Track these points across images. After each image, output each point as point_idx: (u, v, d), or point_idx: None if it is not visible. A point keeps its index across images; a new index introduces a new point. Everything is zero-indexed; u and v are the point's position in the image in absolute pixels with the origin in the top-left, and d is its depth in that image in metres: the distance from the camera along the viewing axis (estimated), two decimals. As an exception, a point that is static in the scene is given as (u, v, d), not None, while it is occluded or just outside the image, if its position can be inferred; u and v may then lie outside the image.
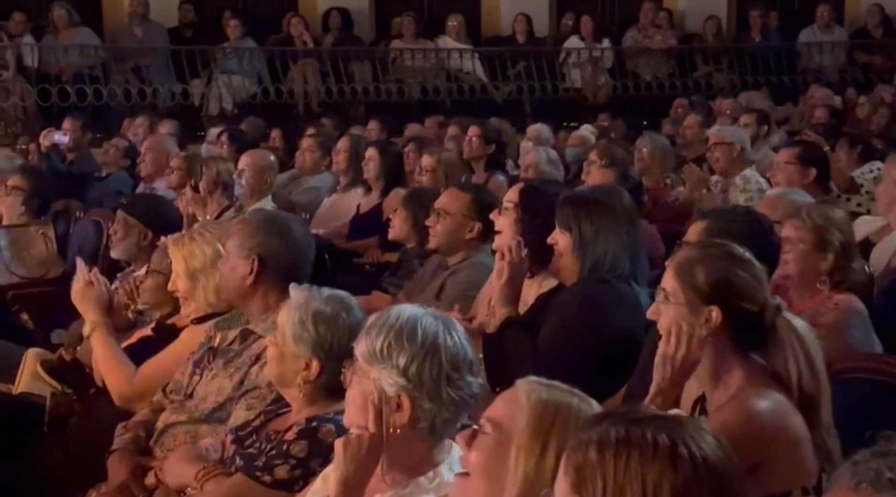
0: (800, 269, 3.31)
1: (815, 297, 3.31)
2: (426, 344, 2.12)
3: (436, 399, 2.12)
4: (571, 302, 3.22)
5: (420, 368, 2.11)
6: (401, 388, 2.12)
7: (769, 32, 12.24)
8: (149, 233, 4.34)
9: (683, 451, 1.46)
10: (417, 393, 2.11)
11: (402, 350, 2.11)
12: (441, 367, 2.12)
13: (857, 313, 3.26)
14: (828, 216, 3.35)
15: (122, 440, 3.12)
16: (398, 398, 2.12)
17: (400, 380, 2.11)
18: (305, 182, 6.89)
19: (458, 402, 2.14)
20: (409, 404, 2.12)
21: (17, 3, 11.08)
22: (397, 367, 2.11)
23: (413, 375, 2.11)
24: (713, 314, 2.35)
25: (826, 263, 3.28)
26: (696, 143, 7.55)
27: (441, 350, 2.12)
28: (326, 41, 11.62)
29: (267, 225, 3.13)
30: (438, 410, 2.12)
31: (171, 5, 11.51)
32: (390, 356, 2.12)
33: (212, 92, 10.74)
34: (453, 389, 2.13)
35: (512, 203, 3.51)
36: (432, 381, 2.11)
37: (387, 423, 2.13)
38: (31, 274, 5.29)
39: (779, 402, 2.30)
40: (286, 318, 2.62)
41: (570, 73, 11.73)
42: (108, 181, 7.00)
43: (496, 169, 6.52)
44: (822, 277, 3.30)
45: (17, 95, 10.15)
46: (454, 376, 2.13)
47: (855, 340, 3.20)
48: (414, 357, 2.11)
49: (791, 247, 3.30)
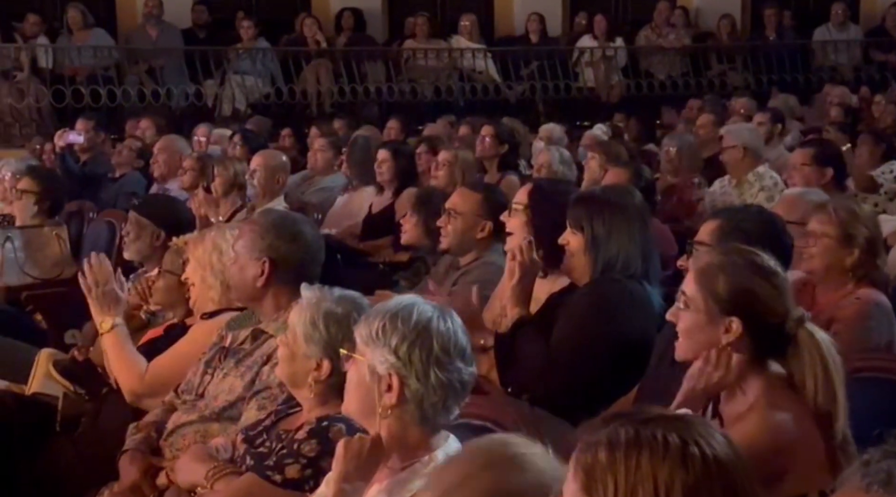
0: (825, 264, 3.30)
1: (838, 291, 3.30)
2: (419, 326, 2.16)
3: (424, 380, 2.14)
4: (584, 302, 3.22)
5: (410, 348, 2.14)
6: (390, 365, 2.15)
7: (784, 31, 12.19)
8: (161, 233, 4.34)
9: (694, 449, 1.45)
10: (406, 372, 2.14)
11: (395, 331, 2.16)
12: (431, 349, 2.15)
13: (878, 306, 3.24)
14: (854, 211, 3.35)
15: (134, 440, 3.12)
16: (389, 378, 2.15)
17: (390, 358, 2.15)
18: (318, 182, 6.90)
19: (446, 385, 2.16)
20: (397, 383, 2.15)
21: (32, 5, 11.14)
22: (389, 347, 2.15)
23: (403, 355, 2.14)
24: (733, 325, 2.33)
25: (851, 258, 3.27)
26: (709, 141, 7.52)
27: (432, 333, 2.16)
28: (339, 41, 11.63)
29: (277, 226, 3.13)
30: (426, 393, 2.15)
31: (185, 6, 11.54)
32: (384, 337, 2.16)
33: (225, 93, 10.77)
34: (442, 372, 2.15)
35: (522, 204, 3.50)
36: (421, 362, 2.14)
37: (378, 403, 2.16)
38: (44, 275, 5.31)
39: (796, 415, 2.28)
40: (297, 318, 2.62)
41: (583, 72, 11.70)
42: (121, 182, 7.02)
43: (509, 169, 6.51)
44: (847, 272, 3.28)
45: (32, 96, 10.20)
46: (444, 360, 2.16)
47: (871, 332, 3.18)
48: (405, 337, 2.15)
49: (815, 241, 3.29)
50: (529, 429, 2.47)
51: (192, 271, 3.49)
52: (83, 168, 7.62)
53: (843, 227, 3.28)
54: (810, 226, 3.31)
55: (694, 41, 12.10)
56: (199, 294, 3.49)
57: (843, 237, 3.27)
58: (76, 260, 5.40)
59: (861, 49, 12.16)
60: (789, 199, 4.07)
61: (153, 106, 10.19)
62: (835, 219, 3.29)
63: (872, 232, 3.33)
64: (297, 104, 10.91)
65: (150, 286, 3.88)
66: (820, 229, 3.29)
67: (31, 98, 10.19)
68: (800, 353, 2.32)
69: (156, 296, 3.83)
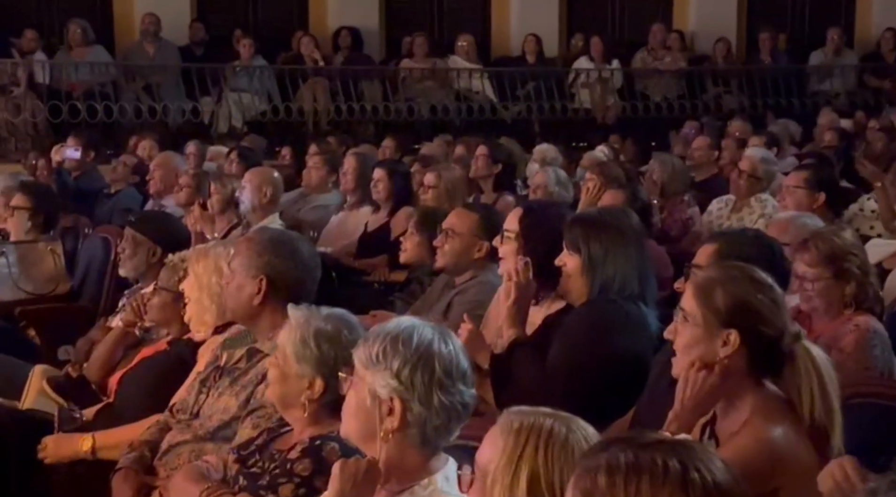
0: (825, 303, 3.26)
1: (837, 319, 3.28)
2: (420, 349, 2.14)
3: (426, 404, 2.13)
4: (580, 323, 3.21)
5: (412, 372, 2.13)
6: (392, 390, 2.14)
7: (779, 55, 12.25)
8: (157, 250, 4.33)
9: (695, 476, 1.45)
10: (408, 396, 2.13)
11: (396, 354, 2.14)
12: (433, 372, 2.14)
13: (877, 334, 3.23)
14: (836, 242, 3.28)
15: (128, 458, 3.11)
16: (390, 402, 2.14)
17: (392, 382, 2.13)
18: (313, 200, 6.89)
19: (448, 408, 2.15)
20: (399, 407, 2.14)
21: (30, 21, 11.15)
22: (390, 370, 2.14)
23: (405, 379, 2.13)
24: (731, 338, 2.33)
25: (850, 289, 3.25)
26: (705, 164, 7.54)
27: (434, 356, 2.15)
28: (336, 60, 11.66)
29: (274, 245, 3.12)
30: (429, 416, 2.14)
31: (182, 23, 11.56)
32: (385, 360, 2.15)
33: (222, 110, 10.77)
34: (444, 396, 2.14)
35: (513, 232, 3.50)
36: (423, 385, 2.13)
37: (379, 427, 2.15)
38: (38, 290, 5.29)
39: (791, 430, 2.28)
40: (287, 337, 2.61)
41: (579, 93, 11.74)
42: (116, 198, 7.01)
43: (504, 189, 6.51)
44: (845, 302, 3.26)
45: (28, 112, 10.19)
46: (446, 383, 2.15)
47: (877, 361, 3.17)
48: (407, 361, 2.13)
49: (811, 284, 3.25)
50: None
51: (189, 287, 3.48)
52: (76, 183, 7.61)
53: (835, 263, 3.23)
54: (799, 269, 3.26)
55: (690, 64, 12.14)
56: (193, 312, 3.47)
57: (837, 273, 3.23)
58: (71, 276, 5.40)
59: (856, 74, 12.22)
60: (780, 222, 4.07)
61: (150, 122, 10.19)
62: (821, 258, 3.24)
63: (861, 256, 3.31)
64: (293, 122, 10.92)
65: (145, 303, 3.88)
66: (812, 273, 3.24)
67: (27, 113, 10.18)
68: (796, 369, 2.32)
69: (151, 313, 3.82)
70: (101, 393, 3.88)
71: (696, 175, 7.39)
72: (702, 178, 7.35)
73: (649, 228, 4.91)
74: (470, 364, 2.23)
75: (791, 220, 4.06)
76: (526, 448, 1.84)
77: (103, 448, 3.29)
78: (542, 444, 1.84)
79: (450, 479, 2.17)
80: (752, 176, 5.92)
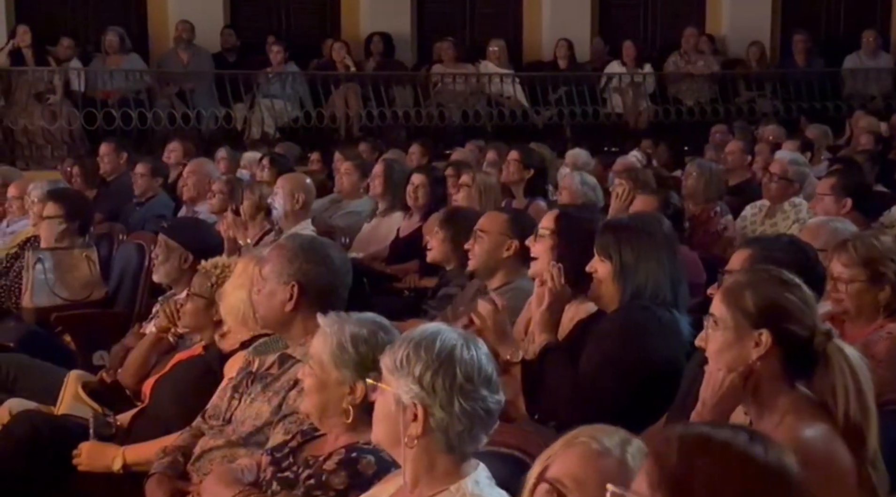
0: (857, 306, 3.25)
1: (869, 326, 3.25)
2: (441, 354, 2.16)
3: (448, 409, 2.14)
4: (612, 329, 3.20)
5: (434, 378, 2.14)
6: (415, 395, 2.15)
7: (813, 58, 12.15)
8: (189, 256, 4.35)
9: (758, 449, 1.47)
10: (430, 401, 2.14)
11: (418, 360, 2.16)
12: (454, 377, 2.14)
13: None
14: (875, 247, 3.27)
15: (161, 464, 3.12)
16: (414, 407, 2.15)
17: (414, 387, 2.15)
18: (345, 206, 6.92)
19: (471, 414, 2.15)
20: (422, 413, 2.15)
21: (66, 29, 11.27)
22: (413, 376, 2.15)
23: (427, 384, 2.14)
24: (763, 338, 2.32)
25: (884, 294, 3.22)
26: (738, 169, 7.49)
27: (455, 361, 2.15)
28: (368, 66, 11.70)
29: (305, 251, 3.12)
30: (451, 421, 2.14)
31: (215, 30, 11.64)
32: (408, 366, 2.16)
33: (254, 116, 10.84)
34: (466, 401, 2.15)
35: (548, 230, 3.50)
36: (445, 390, 2.14)
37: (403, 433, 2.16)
38: (74, 296, 5.33)
39: (825, 432, 2.26)
40: (322, 345, 2.60)
41: (611, 98, 11.70)
42: (149, 204, 7.06)
43: (536, 194, 6.50)
44: (879, 308, 3.24)
45: (64, 119, 10.30)
46: (468, 388, 2.15)
47: None
48: (428, 366, 2.15)
49: (845, 286, 3.23)
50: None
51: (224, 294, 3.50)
52: (108, 189, 7.68)
53: (871, 266, 3.22)
54: (835, 270, 3.25)
55: (723, 68, 12.08)
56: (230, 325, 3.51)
57: (872, 277, 3.22)
58: (105, 282, 5.44)
59: (891, 76, 12.10)
60: (812, 227, 4.05)
61: (183, 129, 10.26)
62: (859, 260, 3.23)
63: None
64: (325, 128, 10.96)
65: (178, 309, 3.89)
66: (847, 274, 3.23)
67: (63, 120, 10.30)
68: (830, 368, 2.30)
69: (184, 319, 3.83)
70: (136, 398, 3.91)
71: (729, 179, 7.34)
72: (734, 183, 7.31)
73: (682, 234, 4.88)
74: (495, 369, 2.23)
75: (823, 224, 4.04)
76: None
77: (134, 465, 3.30)
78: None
79: (480, 483, 2.17)
80: (782, 178, 5.88)
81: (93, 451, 3.37)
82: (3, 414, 3.76)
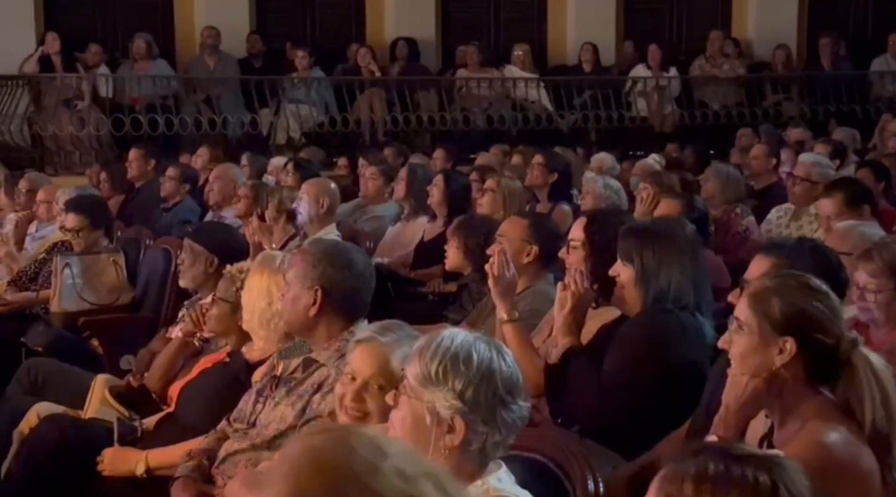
0: (885, 314, 3.22)
1: (893, 332, 3.22)
2: (482, 368, 2.15)
3: (490, 422, 2.15)
4: (636, 332, 3.19)
5: (476, 392, 2.14)
6: (456, 410, 2.14)
7: (840, 61, 12.07)
8: (215, 260, 4.37)
9: (784, 493, 1.42)
10: (473, 416, 2.14)
11: (458, 374, 2.14)
12: (496, 391, 2.15)
13: None
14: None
15: (186, 467, 3.14)
16: (451, 421, 2.15)
17: (456, 403, 2.14)
18: (370, 210, 6.93)
19: (509, 425, 2.17)
20: (462, 427, 2.14)
21: (94, 35, 11.37)
22: (453, 391, 2.14)
23: (469, 399, 2.14)
24: (788, 345, 2.31)
25: None
26: (763, 173, 7.46)
27: (496, 374, 2.15)
28: (393, 71, 11.73)
29: (328, 256, 3.13)
30: (491, 433, 2.15)
31: (241, 36, 11.71)
32: (446, 380, 2.15)
33: (280, 121, 10.88)
34: (507, 413, 2.16)
35: (579, 241, 3.50)
36: (488, 404, 2.14)
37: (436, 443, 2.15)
38: (101, 301, 5.38)
39: (849, 436, 2.25)
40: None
41: (636, 102, 11.68)
42: (175, 210, 7.11)
43: (560, 198, 6.50)
44: None
45: (92, 125, 10.40)
46: (508, 400, 2.16)
47: None
48: (471, 381, 2.14)
49: (873, 295, 3.21)
50: (579, 461, 2.47)
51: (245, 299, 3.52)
52: (136, 195, 7.74)
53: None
54: (861, 279, 3.22)
55: (749, 71, 12.02)
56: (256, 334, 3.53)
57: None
58: (132, 287, 5.49)
59: (920, 79, 12.02)
60: (839, 231, 4.02)
61: (210, 134, 10.33)
62: (885, 268, 3.19)
63: None
64: (350, 133, 11.00)
65: (203, 313, 3.92)
66: (875, 284, 3.19)
67: (91, 126, 10.39)
68: (854, 375, 2.29)
69: (209, 323, 3.85)
70: (162, 402, 3.94)
71: (755, 183, 7.32)
72: (760, 187, 7.27)
73: (706, 238, 4.86)
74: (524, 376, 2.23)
75: (850, 229, 4.01)
76: None
77: (157, 468, 3.33)
78: None
79: (503, 480, 2.18)
80: (805, 180, 5.84)
81: (116, 456, 3.40)
82: (31, 418, 3.80)
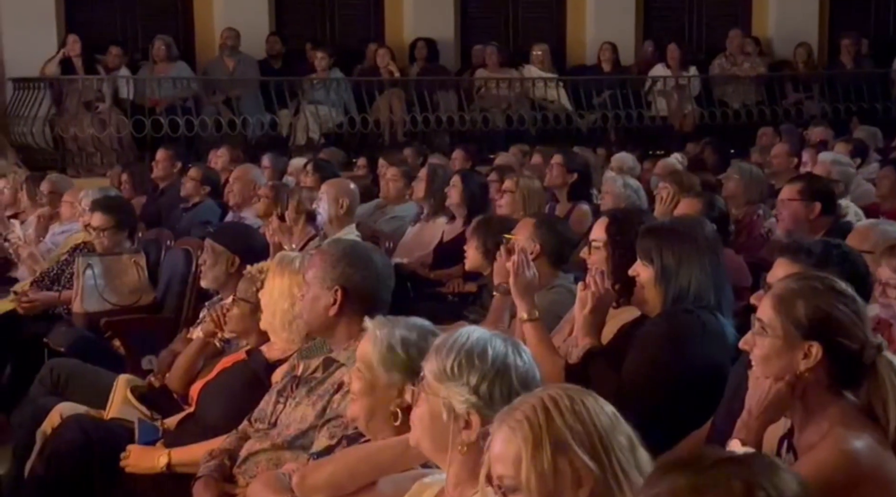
0: None
1: None
2: (497, 363, 2.15)
3: None
4: (656, 332, 3.18)
5: (491, 387, 2.14)
6: (471, 405, 2.15)
7: (861, 59, 12.00)
8: (236, 260, 4.38)
9: (761, 494, 1.42)
10: (488, 411, 2.13)
11: (472, 369, 2.15)
12: (511, 385, 2.15)
13: None
14: None
15: (208, 467, 3.16)
16: (467, 416, 2.15)
17: (471, 397, 2.14)
18: (390, 211, 6.94)
19: None
20: (478, 421, 2.14)
21: (115, 38, 11.43)
22: (468, 385, 2.15)
23: (484, 393, 2.14)
24: (813, 350, 2.29)
25: None
26: (784, 172, 7.42)
27: (511, 369, 2.16)
28: (412, 71, 11.74)
29: (348, 255, 3.15)
30: None
31: (260, 37, 11.74)
32: (461, 375, 2.15)
33: (299, 122, 10.92)
34: None
35: (601, 241, 3.50)
36: (503, 399, 2.13)
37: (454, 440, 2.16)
38: (123, 301, 5.41)
39: (873, 442, 2.23)
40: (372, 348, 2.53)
41: (655, 101, 11.65)
42: (195, 210, 7.14)
43: (580, 198, 6.49)
44: None
45: (113, 127, 10.45)
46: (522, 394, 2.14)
47: None
48: (485, 376, 2.14)
49: (893, 290, 3.17)
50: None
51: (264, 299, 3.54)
52: (160, 196, 7.78)
53: None
54: (884, 275, 3.18)
55: (769, 70, 11.97)
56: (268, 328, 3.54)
57: None
58: (153, 287, 5.51)
59: (942, 77, 11.94)
60: (861, 229, 4.01)
61: (230, 135, 10.37)
62: None
63: None
64: (370, 133, 11.02)
65: (224, 314, 3.93)
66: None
67: (112, 128, 10.45)
68: (879, 381, 2.27)
69: (230, 323, 3.86)
70: (183, 402, 3.95)
71: (776, 182, 7.27)
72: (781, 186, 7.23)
73: (726, 237, 4.84)
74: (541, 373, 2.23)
75: (872, 226, 3.99)
76: (545, 426, 1.84)
77: (178, 465, 3.36)
78: (555, 413, 1.85)
79: None
80: None
81: (140, 453, 3.42)
82: (54, 417, 3.83)
